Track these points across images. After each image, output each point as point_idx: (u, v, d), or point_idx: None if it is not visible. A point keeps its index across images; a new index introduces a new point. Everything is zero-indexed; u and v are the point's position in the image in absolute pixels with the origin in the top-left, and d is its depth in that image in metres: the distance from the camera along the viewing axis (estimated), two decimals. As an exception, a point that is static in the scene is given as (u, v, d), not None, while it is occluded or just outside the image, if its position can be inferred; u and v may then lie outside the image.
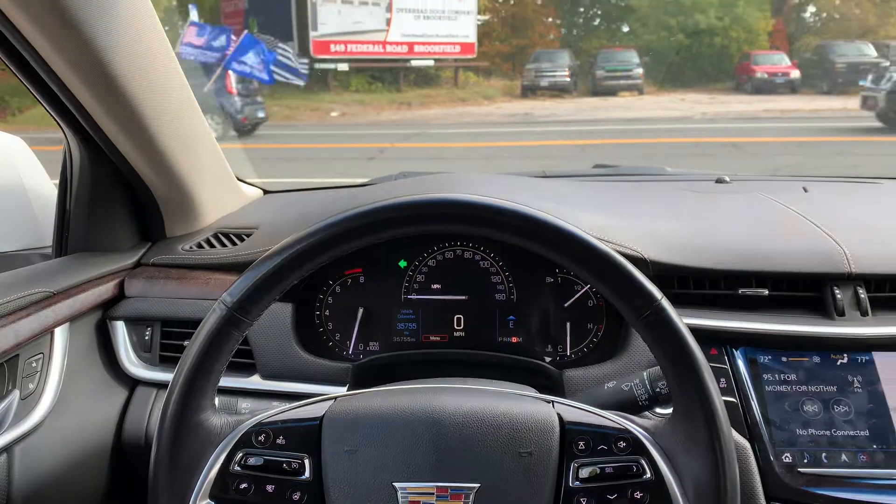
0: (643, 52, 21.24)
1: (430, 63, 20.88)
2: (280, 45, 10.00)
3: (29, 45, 0.96)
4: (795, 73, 18.38)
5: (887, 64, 15.00)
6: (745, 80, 19.13)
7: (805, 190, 1.55)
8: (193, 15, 11.65)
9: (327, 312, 1.27)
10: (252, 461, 0.80)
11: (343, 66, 18.81)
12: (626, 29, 25.39)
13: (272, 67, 9.17)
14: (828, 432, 1.04)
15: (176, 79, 1.17)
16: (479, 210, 0.78)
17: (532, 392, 0.92)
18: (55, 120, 1.16)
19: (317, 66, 18.30)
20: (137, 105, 1.08)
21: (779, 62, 19.07)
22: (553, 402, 0.84)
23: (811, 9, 27.02)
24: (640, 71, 19.41)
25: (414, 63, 20.51)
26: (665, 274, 1.16)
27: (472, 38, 20.77)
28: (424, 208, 0.78)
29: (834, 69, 17.75)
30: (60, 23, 0.90)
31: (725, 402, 0.77)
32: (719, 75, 20.97)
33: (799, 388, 1.07)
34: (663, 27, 22.84)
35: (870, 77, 12.93)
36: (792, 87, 18.08)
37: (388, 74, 20.46)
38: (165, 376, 1.23)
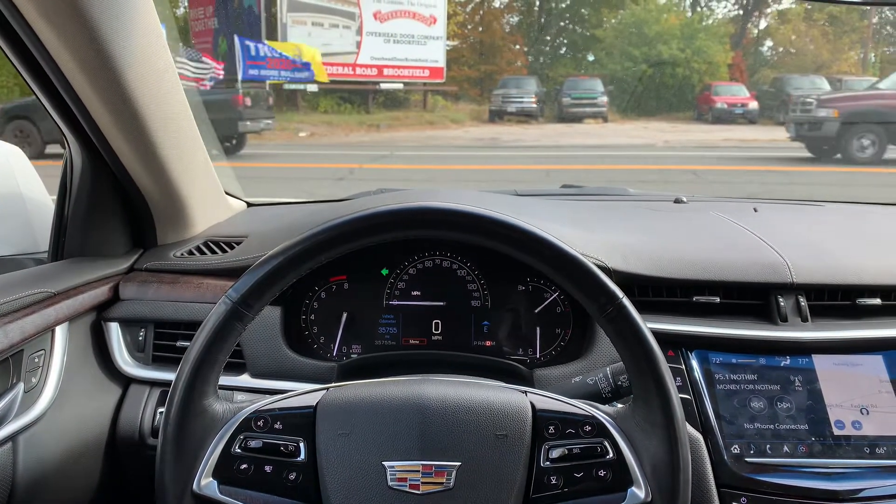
0: (608, 81, 21.71)
1: (400, 86, 21.05)
2: None
3: (47, 55, 1.02)
4: (754, 105, 18.91)
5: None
6: (705, 109, 19.61)
7: (755, 210, 1.65)
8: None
9: (313, 316, 1.34)
10: (252, 444, 0.85)
11: (312, 87, 18.83)
12: (591, 58, 26.05)
13: None
14: (772, 426, 1.13)
15: (177, 89, 1.24)
16: (466, 217, 0.85)
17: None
18: (61, 129, 1.21)
19: (286, 86, 18.31)
20: (143, 114, 1.15)
21: (738, 93, 19.62)
22: (526, 391, 0.92)
23: (768, 43, 28.18)
24: (604, 99, 19.83)
25: (383, 86, 20.65)
26: (626, 282, 1.24)
27: (442, 62, 21.04)
28: (412, 214, 0.85)
29: (789, 101, 18.31)
30: (79, 32, 0.97)
31: (681, 399, 0.86)
32: (681, 105, 21.55)
33: (747, 386, 1.16)
34: (628, 57, 23.42)
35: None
36: (750, 118, 18.61)
37: (357, 96, 20.52)
38: (158, 375, 1.28)
